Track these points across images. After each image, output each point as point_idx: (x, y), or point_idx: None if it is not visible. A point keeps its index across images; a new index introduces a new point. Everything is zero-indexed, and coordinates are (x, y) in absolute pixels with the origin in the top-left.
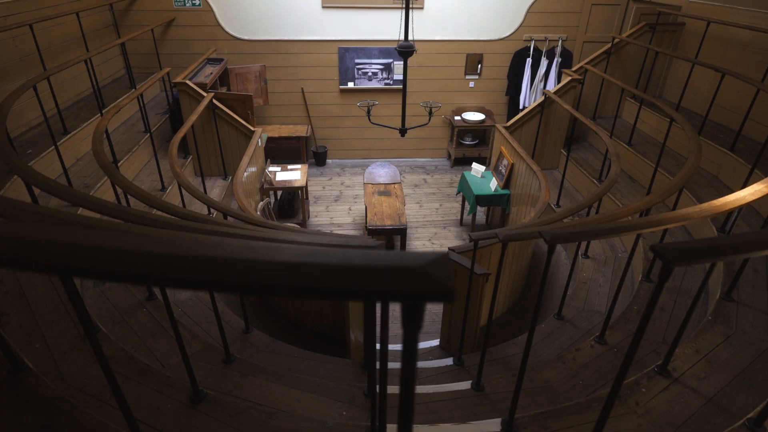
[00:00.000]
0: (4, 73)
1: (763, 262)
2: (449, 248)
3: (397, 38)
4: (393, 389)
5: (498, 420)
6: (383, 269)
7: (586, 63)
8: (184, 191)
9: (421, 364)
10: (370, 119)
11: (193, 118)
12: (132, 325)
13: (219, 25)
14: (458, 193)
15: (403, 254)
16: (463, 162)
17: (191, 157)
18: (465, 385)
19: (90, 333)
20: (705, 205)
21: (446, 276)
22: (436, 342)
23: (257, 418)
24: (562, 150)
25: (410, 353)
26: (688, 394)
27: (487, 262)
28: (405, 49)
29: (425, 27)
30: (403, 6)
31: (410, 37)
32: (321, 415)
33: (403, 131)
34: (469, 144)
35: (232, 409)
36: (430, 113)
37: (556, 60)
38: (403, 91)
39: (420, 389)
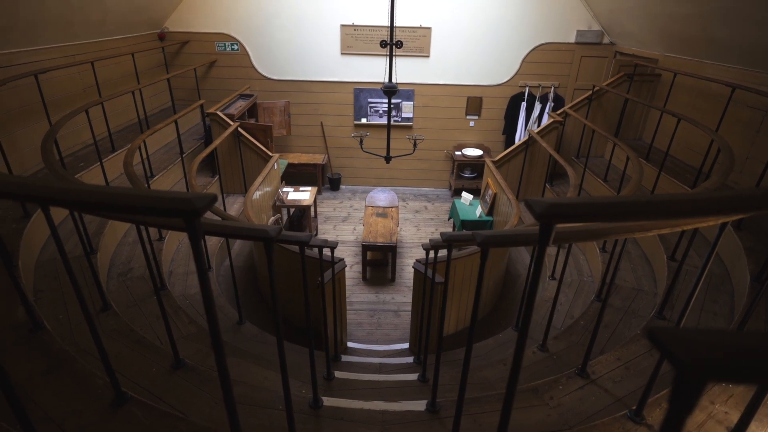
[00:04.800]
0: (70, 100)
1: (702, 288)
2: (416, 260)
3: (404, 82)
4: (344, 375)
5: (424, 401)
6: (170, 199)
7: (569, 107)
8: None
9: (385, 360)
10: (362, 147)
11: (217, 142)
12: (143, 309)
13: (253, 66)
14: (450, 218)
15: (185, 193)
16: (462, 192)
17: (218, 176)
18: (413, 377)
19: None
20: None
21: (202, 206)
22: (407, 345)
23: None
24: (547, 184)
25: (198, 255)
26: (600, 393)
27: (453, 274)
28: (389, 89)
29: (431, 72)
30: (388, 54)
31: (419, 81)
32: (280, 390)
33: (388, 159)
34: (468, 177)
35: (205, 377)
36: (415, 145)
37: (549, 104)
38: (388, 125)
39: (374, 377)
